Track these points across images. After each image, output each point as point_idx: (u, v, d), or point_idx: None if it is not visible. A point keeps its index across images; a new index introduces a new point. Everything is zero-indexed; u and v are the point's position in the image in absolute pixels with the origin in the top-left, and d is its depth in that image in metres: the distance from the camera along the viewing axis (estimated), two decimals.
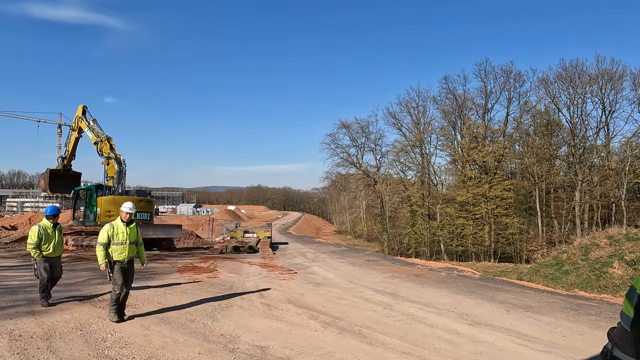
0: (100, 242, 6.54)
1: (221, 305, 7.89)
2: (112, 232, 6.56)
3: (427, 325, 6.79)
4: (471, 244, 42.41)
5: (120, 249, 6.58)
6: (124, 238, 6.63)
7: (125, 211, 6.74)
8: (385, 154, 49.56)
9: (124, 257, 6.61)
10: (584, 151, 40.49)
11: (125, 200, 19.80)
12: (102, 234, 6.56)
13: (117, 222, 6.71)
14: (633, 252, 15.88)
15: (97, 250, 6.56)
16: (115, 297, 6.51)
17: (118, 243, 6.57)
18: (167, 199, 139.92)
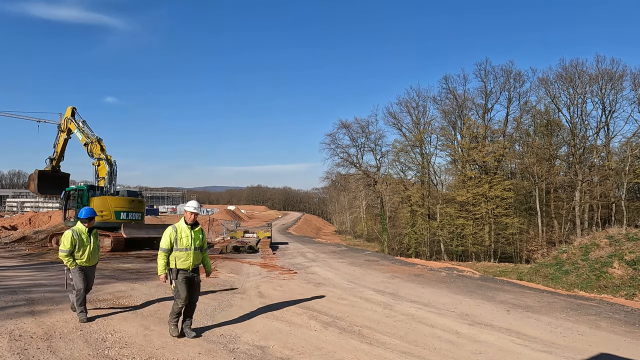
0: (163, 248, 5.75)
1: (221, 305, 7.89)
2: (176, 237, 5.76)
3: (427, 325, 6.79)
4: (471, 244, 42.40)
5: (185, 256, 5.76)
6: (189, 243, 5.79)
7: (190, 211, 5.84)
8: (385, 154, 49.57)
9: (188, 265, 5.77)
10: (584, 151, 40.48)
11: (116, 200, 20.13)
12: (165, 239, 5.75)
13: (181, 224, 5.85)
14: (633, 252, 15.88)
15: (158, 257, 5.78)
16: (177, 311, 5.86)
17: (182, 249, 5.76)
18: (167, 199, 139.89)
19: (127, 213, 20.34)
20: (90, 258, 6.69)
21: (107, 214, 19.56)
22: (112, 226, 19.61)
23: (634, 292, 13.83)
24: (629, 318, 7.63)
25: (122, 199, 20.75)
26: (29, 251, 18.63)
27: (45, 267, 13.28)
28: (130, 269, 12.88)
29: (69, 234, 6.47)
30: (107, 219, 19.51)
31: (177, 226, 5.85)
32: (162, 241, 5.76)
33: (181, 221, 5.90)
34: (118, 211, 20.02)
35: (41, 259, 15.54)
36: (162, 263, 5.75)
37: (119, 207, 20.19)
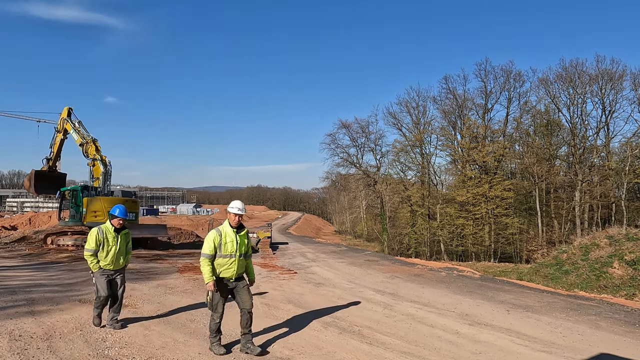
0: (205, 254, 5.10)
1: None
2: (220, 241, 5.10)
3: (427, 325, 6.79)
4: (471, 244, 42.39)
5: (228, 263, 5.12)
6: (234, 249, 5.12)
7: (234, 212, 5.16)
8: (385, 154, 49.56)
9: (231, 273, 5.14)
10: (584, 151, 40.47)
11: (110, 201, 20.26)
12: (208, 243, 5.10)
13: (225, 227, 5.21)
14: (633, 252, 15.88)
15: (202, 264, 5.12)
16: (215, 327, 5.18)
17: (226, 255, 5.11)
18: (167, 199, 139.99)
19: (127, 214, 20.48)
20: (115, 261, 6.06)
21: (101, 214, 19.81)
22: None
23: (634, 292, 13.83)
24: (629, 318, 7.63)
25: (116, 200, 21.00)
26: (29, 251, 18.63)
27: (45, 267, 13.28)
28: (130, 269, 12.87)
29: (94, 232, 5.99)
30: (100, 219, 19.76)
31: (221, 230, 5.18)
32: (204, 246, 5.13)
33: (225, 224, 5.24)
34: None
35: (41, 259, 15.54)
36: (209, 270, 5.06)
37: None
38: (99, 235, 5.97)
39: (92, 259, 5.95)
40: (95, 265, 5.97)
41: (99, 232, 5.99)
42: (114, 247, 6.05)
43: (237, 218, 5.19)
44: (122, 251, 6.16)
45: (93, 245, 5.93)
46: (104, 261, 5.98)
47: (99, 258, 5.97)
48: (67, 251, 18.68)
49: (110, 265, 6.03)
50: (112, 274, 6.10)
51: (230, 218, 5.22)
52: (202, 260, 5.14)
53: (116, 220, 6.08)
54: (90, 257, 5.94)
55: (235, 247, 5.13)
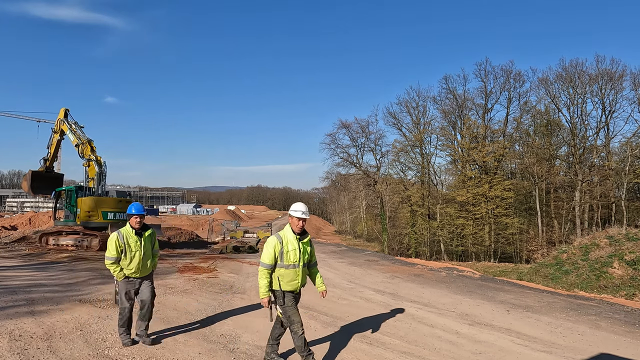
0: (265, 263, 4.53)
1: (221, 305, 7.89)
2: (281, 250, 4.54)
3: (427, 325, 6.79)
4: (471, 244, 42.39)
5: (291, 275, 4.55)
6: (296, 258, 4.55)
7: (298, 216, 4.56)
8: (385, 154, 49.53)
9: (296, 285, 4.59)
10: (584, 151, 40.46)
11: (104, 201, 20.48)
12: (268, 251, 4.53)
13: (287, 234, 4.61)
14: (633, 252, 15.87)
15: (261, 275, 4.56)
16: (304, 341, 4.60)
17: (288, 265, 4.53)
18: (167, 199, 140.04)
19: (114, 213, 20.79)
20: (141, 268, 5.40)
21: (95, 214, 19.97)
22: (99, 226, 20.02)
23: (634, 292, 13.83)
24: (629, 318, 7.63)
25: (110, 200, 21.20)
26: (29, 251, 18.63)
27: (45, 267, 13.28)
28: None
29: (113, 237, 5.33)
30: (94, 219, 19.95)
31: (282, 236, 4.60)
32: (263, 255, 4.56)
33: (286, 230, 4.64)
34: (105, 211, 20.40)
35: (41, 259, 15.54)
36: (265, 283, 4.51)
37: (107, 207, 20.57)
38: (118, 240, 5.30)
39: (114, 267, 5.32)
40: (120, 273, 5.31)
41: (119, 238, 5.33)
42: (138, 251, 5.37)
43: (300, 223, 4.55)
44: (148, 255, 5.49)
45: (113, 252, 5.28)
46: (128, 269, 5.33)
47: (123, 265, 5.33)
48: (67, 251, 18.70)
49: (136, 272, 5.37)
50: (140, 281, 5.46)
51: (292, 223, 4.59)
52: (261, 271, 4.54)
53: (134, 220, 5.38)
54: (112, 265, 5.32)
55: (298, 256, 4.55)
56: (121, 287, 5.37)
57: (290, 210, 4.67)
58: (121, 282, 5.36)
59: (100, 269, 12.64)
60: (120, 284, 5.37)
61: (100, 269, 12.64)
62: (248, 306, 7.91)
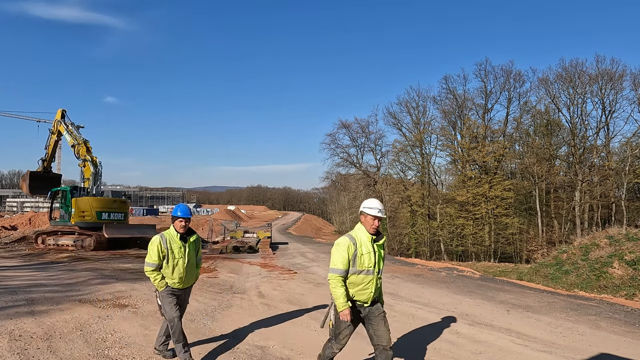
0: (337, 268, 3.82)
1: (221, 305, 7.89)
2: (355, 252, 3.83)
3: (427, 325, 6.78)
4: (471, 244, 42.40)
5: (364, 282, 3.85)
6: (371, 263, 3.86)
7: (374, 214, 3.88)
8: (385, 154, 49.58)
9: (367, 296, 3.88)
10: (584, 151, 40.47)
11: (98, 201, 20.70)
12: (340, 254, 3.82)
13: (359, 234, 3.92)
14: (633, 252, 15.87)
15: (334, 283, 3.81)
16: (330, 355, 4.22)
17: (361, 271, 3.83)
18: (167, 199, 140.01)
19: (108, 213, 20.94)
20: (185, 277, 4.80)
21: (89, 215, 20.11)
22: (94, 226, 20.12)
23: (634, 292, 13.83)
24: (629, 318, 7.63)
25: (104, 200, 21.36)
26: (29, 251, 18.64)
27: (45, 267, 13.28)
28: (130, 269, 12.87)
29: (156, 241, 4.70)
30: (88, 219, 20.10)
31: (355, 236, 3.90)
32: (335, 258, 3.85)
33: (358, 230, 3.97)
34: (100, 211, 20.55)
35: (41, 259, 15.54)
36: (343, 292, 3.78)
37: (101, 207, 20.70)
38: (161, 245, 4.68)
39: (155, 275, 4.70)
40: (162, 282, 4.70)
41: (162, 242, 4.69)
42: (182, 259, 4.74)
43: (376, 222, 3.89)
44: (192, 263, 4.85)
45: (155, 258, 4.68)
46: (170, 279, 4.73)
47: (165, 274, 4.74)
48: (66, 251, 18.71)
49: (179, 283, 4.76)
50: (182, 293, 4.86)
51: (366, 222, 3.93)
52: (334, 278, 3.81)
53: (179, 223, 4.75)
54: (153, 273, 4.70)
55: (373, 261, 3.85)
56: (164, 297, 4.72)
57: (363, 206, 3.98)
58: (163, 292, 4.72)
59: (101, 268, 12.64)
60: (162, 294, 4.73)
61: (100, 268, 12.64)
62: (248, 306, 7.91)
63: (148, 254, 4.72)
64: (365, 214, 3.92)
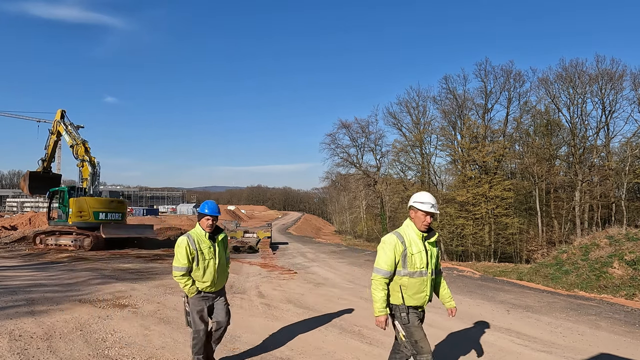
0: (382, 269, 3.47)
1: None
2: (404, 252, 3.46)
3: (426, 325, 6.77)
4: (471, 244, 42.39)
5: (419, 285, 3.48)
6: (423, 263, 3.49)
7: (426, 210, 3.48)
8: (385, 154, 49.56)
9: (424, 299, 3.55)
10: (584, 151, 40.46)
11: (95, 201, 20.74)
12: (386, 254, 3.46)
13: (408, 231, 3.55)
14: (633, 252, 15.86)
15: (376, 285, 3.49)
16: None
17: (413, 273, 3.46)
18: (167, 199, 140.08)
19: (105, 213, 21.04)
20: (217, 280, 4.41)
21: (86, 215, 20.21)
22: (91, 226, 20.23)
23: (634, 292, 13.82)
24: (629, 318, 7.63)
25: (101, 200, 21.46)
26: (29, 251, 18.64)
27: (45, 267, 13.28)
28: (130, 269, 12.88)
29: (183, 242, 4.29)
30: (85, 219, 20.21)
31: (403, 234, 3.53)
32: (379, 259, 3.49)
33: (407, 227, 3.58)
34: (96, 211, 20.65)
35: (41, 259, 15.54)
36: (383, 296, 3.46)
37: (98, 207, 20.80)
38: (189, 246, 4.28)
39: (185, 280, 4.28)
40: (193, 287, 4.31)
41: (190, 243, 4.29)
42: (212, 260, 4.37)
43: (428, 219, 3.50)
44: (223, 264, 4.49)
45: (184, 261, 4.26)
46: (201, 282, 4.33)
47: (195, 277, 4.33)
48: (67, 251, 18.72)
49: (211, 286, 4.37)
50: (214, 297, 4.47)
51: (416, 218, 3.54)
52: (377, 280, 3.48)
53: (206, 221, 4.37)
54: (183, 277, 4.27)
55: (425, 261, 3.50)
56: (193, 305, 4.34)
57: (413, 201, 3.58)
58: (193, 299, 4.33)
59: (101, 269, 12.65)
60: (192, 301, 4.33)
61: (100, 268, 12.64)
62: (248, 306, 7.91)
63: (175, 258, 4.31)
64: (416, 209, 3.52)
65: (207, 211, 4.37)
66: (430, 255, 3.56)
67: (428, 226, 3.54)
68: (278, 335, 6.00)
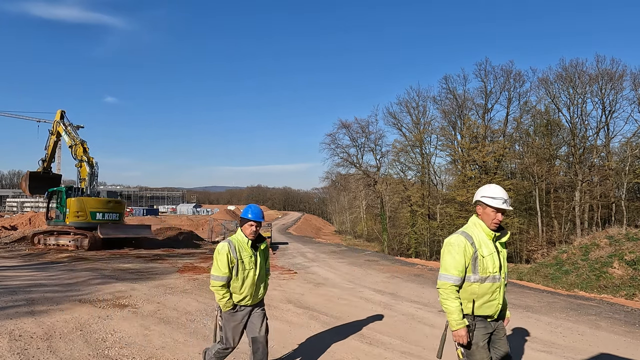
0: (451, 275, 3.02)
1: None
2: (474, 254, 3.02)
3: (427, 325, 6.79)
4: None
5: (489, 292, 3.04)
6: (496, 268, 3.06)
7: (497, 206, 3.05)
8: (385, 154, 49.56)
9: (496, 308, 3.08)
10: (584, 151, 40.46)
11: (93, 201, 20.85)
12: (454, 257, 3.02)
13: (475, 230, 3.13)
14: (633, 252, 15.87)
15: (447, 294, 3.01)
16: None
17: (484, 278, 3.03)
18: (167, 199, 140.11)
19: (103, 214, 21.08)
20: (255, 292, 3.95)
21: (83, 215, 20.27)
22: (88, 226, 20.31)
23: (634, 292, 13.83)
24: (629, 318, 7.63)
25: (99, 200, 21.51)
26: (29, 251, 18.64)
27: (45, 267, 13.28)
28: (130, 269, 12.88)
29: (224, 249, 3.82)
30: (82, 220, 20.27)
31: (471, 233, 3.10)
32: (446, 263, 3.05)
33: (474, 225, 3.16)
34: (94, 212, 20.71)
35: (41, 259, 15.54)
36: (458, 305, 2.99)
37: (95, 207, 20.86)
38: (230, 253, 3.82)
39: (224, 292, 3.81)
40: (230, 302, 3.84)
41: (231, 250, 3.83)
42: (252, 270, 3.92)
43: (499, 216, 3.07)
44: (262, 275, 4.05)
45: (225, 270, 3.80)
46: (238, 294, 3.87)
47: (233, 289, 3.87)
48: (66, 251, 18.72)
49: (248, 299, 3.91)
50: (250, 310, 3.98)
51: (486, 216, 3.10)
52: (447, 287, 3.01)
53: (250, 227, 3.89)
54: (222, 289, 3.81)
55: (497, 264, 3.05)
56: (227, 320, 3.90)
57: (481, 195, 3.13)
58: (228, 315, 3.89)
59: (101, 269, 12.65)
60: (226, 315, 3.89)
61: (100, 269, 12.64)
62: None
63: (214, 266, 3.83)
64: (485, 205, 3.08)
65: (251, 216, 3.89)
66: (502, 258, 3.12)
67: (499, 224, 3.11)
68: (278, 336, 6.00)
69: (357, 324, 6.78)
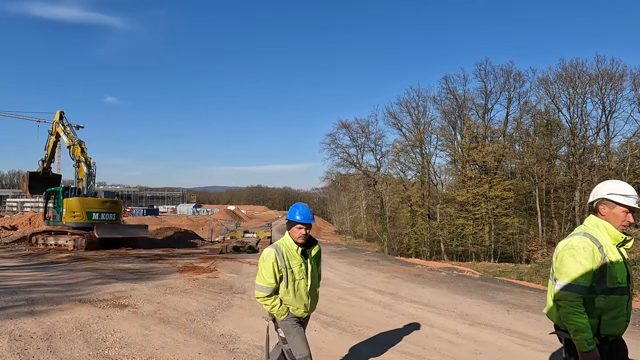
0: (575, 284, 2.52)
1: (221, 305, 7.89)
2: (604, 262, 2.57)
3: (427, 325, 6.79)
4: (471, 244, 42.37)
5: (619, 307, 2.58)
6: (623, 276, 2.63)
7: (629, 204, 2.61)
8: (385, 154, 49.54)
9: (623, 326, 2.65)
10: (584, 151, 40.46)
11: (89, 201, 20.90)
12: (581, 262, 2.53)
13: (600, 232, 2.67)
14: (633, 252, 15.88)
15: (572, 307, 2.50)
16: None
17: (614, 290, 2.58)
18: (167, 199, 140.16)
19: (99, 214, 21.13)
20: (311, 302, 3.59)
21: (79, 215, 20.33)
22: (85, 226, 20.36)
23: (634, 292, 13.83)
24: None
25: (95, 200, 21.56)
26: (29, 251, 18.64)
27: (45, 267, 13.28)
28: (130, 269, 12.88)
29: (270, 256, 3.39)
30: (78, 220, 20.33)
31: (597, 236, 2.62)
32: (570, 270, 2.54)
33: (597, 227, 2.67)
34: (90, 212, 20.78)
35: (41, 259, 15.54)
36: (587, 322, 2.47)
37: (92, 208, 20.91)
38: (277, 261, 3.37)
39: (272, 300, 3.39)
40: (282, 308, 3.41)
41: (278, 257, 3.38)
42: (303, 280, 3.48)
43: (629, 217, 2.61)
44: (315, 284, 3.65)
45: (271, 280, 3.37)
46: (293, 304, 3.47)
47: (285, 299, 3.45)
48: (66, 251, 18.72)
49: (302, 309, 3.50)
50: (305, 321, 3.65)
51: (613, 216, 2.64)
52: (572, 300, 2.50)
53: (298, 231, 3.44)
54: (268, 299, 3.39)
55: (625, 274, 2.60)
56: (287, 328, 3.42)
57: (608, 192, 2.65)
58: (287, 323, 3.41)
59: (101, 269, 12.65)
60: (288, 326, 3.41)
61: (100, 268, 12.65)
62: (248, 306, 7.91)
63: (259, 275, 3.41)
64: (613, 204, 2.60)
65: (299, 218, 3.41)
66: (630, 266, 2.68)
67: (627, 225, 2.64)
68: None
69: (357, 324, 6.78)
